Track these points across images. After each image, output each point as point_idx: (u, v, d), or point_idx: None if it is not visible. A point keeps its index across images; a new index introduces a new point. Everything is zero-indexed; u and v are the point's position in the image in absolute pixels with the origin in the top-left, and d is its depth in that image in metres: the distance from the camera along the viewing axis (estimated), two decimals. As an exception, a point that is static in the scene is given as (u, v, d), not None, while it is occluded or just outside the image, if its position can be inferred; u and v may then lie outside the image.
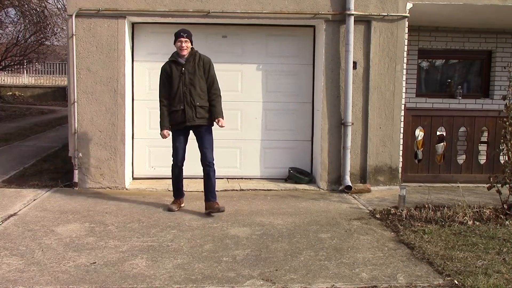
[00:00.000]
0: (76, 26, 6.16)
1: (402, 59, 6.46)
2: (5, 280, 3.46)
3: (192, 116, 5.11)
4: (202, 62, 5.17)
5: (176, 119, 5.18)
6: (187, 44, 5.12)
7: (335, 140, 6.47)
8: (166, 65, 5.25)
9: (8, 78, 25.35)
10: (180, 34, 5.11)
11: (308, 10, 6.30)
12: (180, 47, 5.12)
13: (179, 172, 5.33)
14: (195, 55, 5.18)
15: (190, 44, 5.15)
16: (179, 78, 5.12)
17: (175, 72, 5.14)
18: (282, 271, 3.72)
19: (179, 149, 5.23)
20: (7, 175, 6.85)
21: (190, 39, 5.16)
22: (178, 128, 5.20)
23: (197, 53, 5.21)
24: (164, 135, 5.23)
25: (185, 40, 5.09)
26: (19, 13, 18.02)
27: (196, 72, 5.12)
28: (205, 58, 5.21)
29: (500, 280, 3.50)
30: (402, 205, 5.36)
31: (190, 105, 5.10)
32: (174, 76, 5.14)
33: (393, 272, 3.72)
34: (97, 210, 5.27)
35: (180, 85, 5.12)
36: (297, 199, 5.94)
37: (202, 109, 5.14)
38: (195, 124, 5.14)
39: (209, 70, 5.20)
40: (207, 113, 5.18)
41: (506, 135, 5.20)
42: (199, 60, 5.17)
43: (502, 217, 5.00)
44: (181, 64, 5.14)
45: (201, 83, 5.15)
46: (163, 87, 5.24)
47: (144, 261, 3.86)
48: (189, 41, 5.14)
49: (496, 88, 8.17)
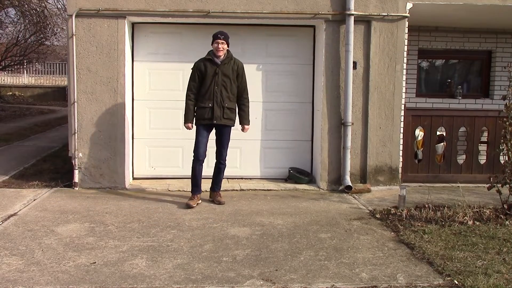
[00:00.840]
0: (76, 26, 6.16)
1: (402, 59, 6.47)
2: (5, 280, 3.46)
3: (220, 116, 5.35)
4: (237, 67, 5.42)
5: (202, 115, 5.38)
6: (223, 46, 5.31)
7: (335, 140, 6.48)
8: (201, 62, 5.41)
9: (8, 78, 25.35)
10: (217, 36, 5.30)
11: (308, 10, 6.31)
12: (217, 48, 5.31)
13: (200, 167, 5.49)
14: (231, 59, 5.41)
15: (226, 46, 5.35)
16: (212, 77, 5.31)
17: (210, 70, 5.32)
18: (282, 271, 3.72)
19: (201, 143, 5.41)
20: (7, 175, 6.85)
21: (227, 41, 5.35)
22: (204, 124, 5.40)
23: (233, 57, 5.44)
24: (189, 127, 5.47)
25: (221, 42, 5.28)
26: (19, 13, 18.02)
27: (229, 75, 5.35)
28: (239, 64, 5.46)
29: (500, 280, 3.50)
30: (402, 205, 5.36)
31: (219, 105, 5.33)
32: (207, 74, 5.32)
33: (393, 272, 3.72)
34: (97, 210, 5.27)
35: (212, 84, 5.32)
36: (297, 199, 5.94)
37: (229, 110, 5.40)
38: (220, 123, 5.38)
39: (243, 76, 5.48)
40: (234, 114, 5.48)
41: (506, 135, 5.20)
42: (234, 64, 5.41)
43: (502, 217, 4.99)
44: (217, 64, 5.33)
45: (233, 87, 5.39)
46: (193, 82, 5.41)
47: (144, 261, 3.86)
48: (226, 43, 5.33)
49: (496, 88, 8.17)
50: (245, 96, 5.53)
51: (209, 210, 5.33)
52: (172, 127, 6.80)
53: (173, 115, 6.78)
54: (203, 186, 5.66)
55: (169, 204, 5.61)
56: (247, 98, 5.56)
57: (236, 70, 5.40)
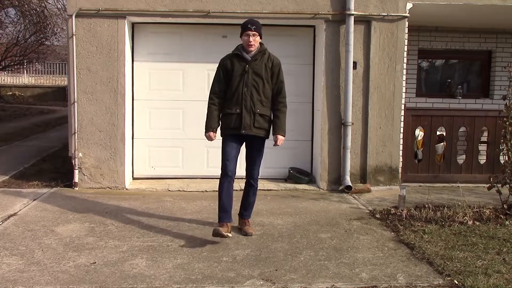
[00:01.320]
0: (76, 26, 6.16)
1: (402, 59, 6.46)
2: (5, 280, 3.46)
3: (249, 124, 4.31)
4: (271, 63, 4.41)
5: (228, 123, 4.37)
6: (255, 38, 4.32)
7: (335, 140, 6.48)
8: (227, 58, 4.44)
9: (8, 78, 25.36)
10: (247, 27, 4.31)
11: (308, 10, 6.31)
12: (247, 42, 4.32)
13: (229, 185, 4.32)
14: (264, 53, 4.40)
15: (259, 38, 4.37)
16: (240, 77, 4.32)
17: (238, 68, 4.34)
18: (282, 271, 3.72)
19: (229, 154, 4.33)
20: (7, 175, 6.85)
21: (259, 32, 4.36)
22: (231, 134, 4.38)
23: (267, 52, 4.44)
24: (210, 137, 4.41)
25: (253, 34, 4.30)
26: (19, 13, 18.02)
27: (262, 74, 4.35)
28: (275, 60, 4.45)
29: (500, 280, 3.50)
30: (402, 205, 5.36)
31: (249, 110, 4.31)
32: (235, 72, 4.34)
33: (393, 272, 3.72)
34: (97, 210, 5.27)
35: (240, 85, 4.31)
36: (297, 199, 5.94)
37: (262, 118, 4.36)
38: (251, 133, 4.34)
39: (278, 74, 4.44)
40: (267, 123, 4.42)
41: (506, 135, 5.20)
42: (268, 60, 4.40)
43: (502, 217, 5.00)
44: (246, 60, 4.34)
45: (266, 88, 4.37)
46: (218, 82, 4.42)
47: (144, 261, 3.86)
48: (258, 35, 4.35)
49: (496, 88, 8.17)
50: (281, 100, 4.44)
51: (209, 210, 5.33)
52: (172, 127, 6.81)
53: (173, 115, 6.79)
54: (205, 186, 5.50)
55: (169, 204, 5.61)
56: (283, 102, 4.47)
57: (271, 68, 4.39)
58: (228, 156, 4.32)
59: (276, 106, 4.45)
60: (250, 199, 4.59)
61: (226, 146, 4.36)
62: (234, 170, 4.34)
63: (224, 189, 4.30)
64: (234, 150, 4.35)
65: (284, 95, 4.47)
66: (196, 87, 6.75)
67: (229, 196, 4.32)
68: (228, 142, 4.37)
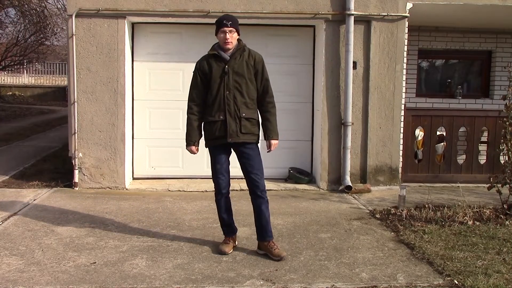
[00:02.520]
0: (76, 26, 6.16)
1: (402, 59, 6.47)
2: (5, 280, 3.46)
3: (235, 131, 3.90)
4: (254, 60, 3.96)
5: (212, 133, 3.97)
6: (232, 35, 3.89)
7: (335, 140, 6.47)
8: (203, 60, 4.01)
9: (8, 78, 25.37)
10: (222, 23, 3.88)
11: (308, 10, 6.30)
12: (224, 39, 3.88)
13: (226, 202, 4.10)
14: (243, 50, 3.96)
15: (236, 35, 3.93)
16: (220, 79, 3.90)
17: (216, 70, 3.92)
18: (282, 271, 3.72)
19: (220, 171, 4.01)
20: (7, 175, 6.85)
21: (236, 28, 3.92)
22: (217, 144, 4.00)
23: (247, 48, 3.99)
24: (192, 151, 4.08)
25: (230, 30, 3.87)
26: (19, 13, 18.02)
27: (244, 73, 3.91)
28: (257, 56, 3.99)
29: (500, 280, 3.50)
30: (402, 205, 5.36)
31: (233, 116, 3.90)
32: (214, 75, 3.92)
33: (393, 272, 3.72)
34: (97, 210, 5.27)
35: (221, 88, 3.89)
36: (297, 199, 5.94)
37: (248, 122, 3.95)
38: (239, 141, 3.93)
39: (263, 72, 3.98)
40: (255, 126, 4.01)
41: (506, 135, 5.20)
42: (249, 57, 3.95)
43: (502, 217, 4.99)
44: (225, 60, 3.92)
45: (250, 88, 3.94)
46: (195, 88, 4.01)
47: (144, 261, 3.86)
48: (236, 31, 3.91)
49: (496, 88, 8.17)
50: (269, 100, 4.01)
51: (209, 210, 5.33)
52: (172, 127, 6.80)
53: (173, 115, 6.78)
54: (205, 186, 5.53)
55: (169, 204, 5.61)
56: (272, 102, 4.04)
57: (253, 66, 3.93)
58: (218, 172, 4.00)
59: (264, 107, 4.01)
60: (264, 215, 3.96)
61: (214, 160, 4.02)
62: (227, 185, 4.06)
63: (221, 206, 4.09)
64: (224, 164, 4.02)
65: (272, 94, 4.04)
66: (196, 87, 6.74)
67: (228, 211, 4.13)
68: (215, 155, 4.02)
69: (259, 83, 3.99)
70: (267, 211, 3.99)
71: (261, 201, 3.96)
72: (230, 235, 4.17)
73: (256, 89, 3.99)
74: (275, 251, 3.92)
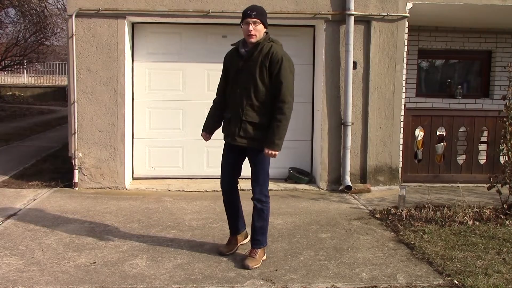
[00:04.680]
0: (76, 26, 6.16)
1: (402, 59, 6.46)
2: (5, 280, 3.46)
3: (233, 132, 3.72)
4: (270, 57, 3.60)
5: (223, 129, 3.92)
6: (256, 27, 3.60)
7: (335, 140, 6.47)
8: (228, 54, 3.90)
9: (8, 78, 25.38)
10: (246, 13, 3.62)
11: (308, 10, 6.30)
12: (247, 32, 3.62)
13: (229, 199, 3.98)
14: (263, 46, 3.65)
15: (262, 27, 3.63)
16: (235, 76, 3.73)
17: (234, 65, 3.76)
18: (282, 271, 3.72)
19: (224, 168, 3.93)
20: (7, 175, 6.85)
21: (262, 20, 3.63)
22: (226, 141, 3.90)
23: (269, 44, 3.68)
24: (204, 137, 3.99)
25: (253, 21, 3.59)
26: (19, 13, 18.04)
27: (256, 72, 3.62)
28: (274, 56, 3.61)
29: (500, 280, 3.50)
30: (402, 205, 5.36)
31: (237, 116, 3.70)
32: (231, 71, 3.78)
33: (393, 272, 3.72)
34: (97, 210, 5.27)
35: (234, 86, 3.74)
36: (297, 199, 5.94)
37: (251, 126, 3.68)
38: (235, 143, 3.75)
39: (279, 72, 3.59)
40: (259, 131, 3.70)
41: (506, 135, 5.20)
42: (266, 55, 3.62)
43: (502, 217, 5.00)
44: (242, 56, 3.71)
45: (259, 90, 3.64)
46: (220, 81, 3.95)
47: (144, 261, 3.86)
48: (261, 23, 3.62)
49: (496, 88, 8.18)
50: (278, 105, 3.60)
51: (209, 210, 5.33)
52: (172, 127, 6.81)
53: (173, 115, 6.79)
54: (205, 186, 5.54)
55: (169, 204, 5.61)
56: (281, 108, 3.60)
57: (269, 63, 3.59)
58: (222, 168, 3.93)
59: (273, 112, 3.65)
60: (254, 224, 3.82)
61: (223, 155, 3.94)
62: (231, 182, 3.92)
63: (225, 204, 4.01)
64: (229, 160, 3.89)
65: (284, 99, 3.59)
66: (196, 87, 6.75)
67: (230, 209, 4.00)
68: (224, 150, 3.94)
69: (274, 83, 3.63)
70: (258, 220, 3.80)
71: (255, 209, 3.82)
72: (231, 234, 4.10)
73: (268, 91, 3.65)
74: (246, 260, 3.76)
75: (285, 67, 3.61)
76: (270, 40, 3.70)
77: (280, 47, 3.71)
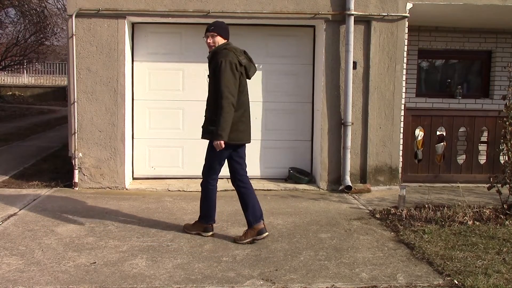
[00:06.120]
0: (76, 26, 6.16)
1: (402, 59, 6.47)
2: (5, 280, 3.46)
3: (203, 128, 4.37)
4: (213, 61, 4.24)
5: None
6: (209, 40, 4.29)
7: (335, 140, 6.48)
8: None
9: (8, 78, 25.38)
10: (206, 29, 4.34)
11: (308, 10, 6.30)
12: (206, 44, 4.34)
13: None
14: (214, 52, 4.27)
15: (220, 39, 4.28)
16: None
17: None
18: (282, 271, 3.72)
19: None
20: (7, 175, 6.85)
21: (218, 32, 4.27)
22: None
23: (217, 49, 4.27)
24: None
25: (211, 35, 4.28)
26: (19, 13, 18.04)
27: (211, 75, 4.26)
28: (215, 56, 4.23)
29: (500, 280, 3.50)
30: (402, 205, 5.37)
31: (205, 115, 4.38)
32: None
33: (393, 272, 3.72)
34: (97, 210, 5.27)
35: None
36: (297, 199, 5.94)
37: (206, 121, 4.31)
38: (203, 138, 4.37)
39: (218, 73, 4.12)
40: (211, 126, 4.21)
41: (506, 135, 5.20)
42: (212, 59, 4.27)
43: (502, 217, 5.00)
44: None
45: (211, 90, 4.27)
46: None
47: (144, 261, 3.86)
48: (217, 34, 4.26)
49: (496, 88, 8.17)
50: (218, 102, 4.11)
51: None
52: (172, 127, 6.81)
53: (173, 115, 6.79)
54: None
55: (169, 204, 5.61)
56: (220, 103, 4.07)
57: (213, 68, 4.18)
58: None
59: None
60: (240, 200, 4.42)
61: None
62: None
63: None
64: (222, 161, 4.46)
65: (221, 95, 4.06)
66: (196, 87, 6.75)
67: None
68: None
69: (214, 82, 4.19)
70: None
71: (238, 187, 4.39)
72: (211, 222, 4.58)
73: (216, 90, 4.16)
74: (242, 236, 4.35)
75: (223, 67, 4.10)
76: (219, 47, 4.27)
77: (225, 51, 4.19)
